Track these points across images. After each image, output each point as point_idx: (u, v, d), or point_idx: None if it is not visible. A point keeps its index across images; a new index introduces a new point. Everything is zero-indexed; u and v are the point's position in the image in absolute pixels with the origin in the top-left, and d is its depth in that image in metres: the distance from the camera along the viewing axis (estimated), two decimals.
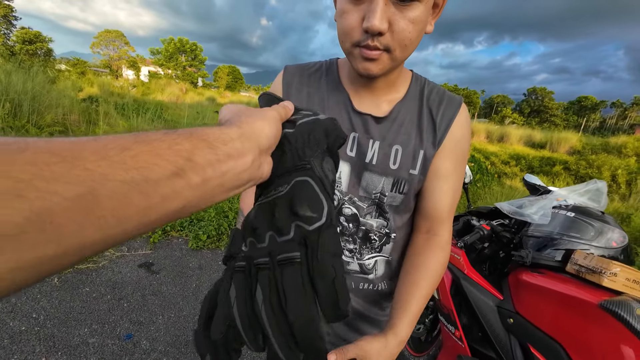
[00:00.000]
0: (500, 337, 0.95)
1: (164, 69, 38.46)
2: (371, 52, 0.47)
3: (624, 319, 0.70)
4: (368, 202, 0.60)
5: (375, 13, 0.42)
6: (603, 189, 1.08)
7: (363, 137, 0.57)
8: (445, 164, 0.58)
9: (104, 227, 0.17)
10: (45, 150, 0.16)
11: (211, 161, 0.23)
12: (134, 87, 18.70)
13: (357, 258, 0.63)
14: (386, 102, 0.58)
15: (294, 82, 0.62)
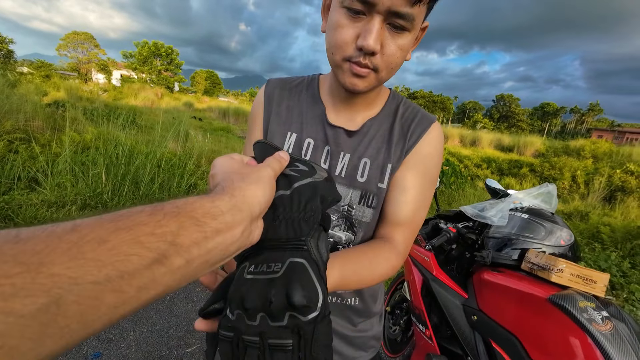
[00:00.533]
0: (466, 334, 1.01)
1: (138, 73, 37.14)
2: (361, 69, 0.49)
3: (568, 312, 0.76)
4: (337, 214, 0.60)
5: (372, 33, 0.45)
6: (553, 191, 1.18)
7: (335, 150, 0.59)
8: (406, 176, 0.58)
9: (65, 336, 0.16)
10: (9, 259, 0.15)
11: (197, 240, 0.22)
12: (104, 92, 17.88)
13: None
14: (361, 118, 0.60)
15: (275, 96, 0.63)
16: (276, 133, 0.62)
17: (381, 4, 0.43)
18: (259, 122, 0.64)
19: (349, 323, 0.67)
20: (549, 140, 18.84)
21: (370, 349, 0.73)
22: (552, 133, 46.00)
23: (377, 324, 0.73)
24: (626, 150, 12.31)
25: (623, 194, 7.38)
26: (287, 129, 0.61)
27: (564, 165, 9.82)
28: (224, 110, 20.71)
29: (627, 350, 0.70)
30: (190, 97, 31.77)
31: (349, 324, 0.67)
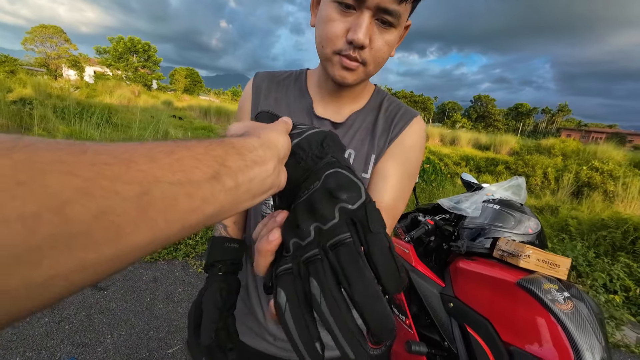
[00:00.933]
0: (443, 320, 1.05)
1: (113, 70, 35.58)
2: (351, 62, 0.50)
3: (534, 294, 0.82)
4: None
5: (362, 28, 0.47)
6: (522, 184, 1.25)
7: None
8: (387, 165, 0.60)
9: (154, 228, 0.17)
10: (103, 152, 0.16)
11: (241, 167, 0.24)
12: (76, 89, 17.00)
13: None
14: (346, 110, 0.62)
15: (263, 88, 0.64)
16: None
17: (370, 1, 0.45)
18: (247, 113, 0.65)
19: None
20: (523, 139, 19.75)
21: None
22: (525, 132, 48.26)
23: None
24: (592, 148, 13.10)
25: (589, 189, 7.87)
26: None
27: (536, 163, 10.34)
28: (205, 109, 20.21)
29: (585, 326, 0.76)
30: (170, 96, 30.82)
31: None
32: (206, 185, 0.20)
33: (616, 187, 7.05)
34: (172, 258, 2.45)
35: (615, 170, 8.62)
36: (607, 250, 3.90)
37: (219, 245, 0.62)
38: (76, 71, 34.19)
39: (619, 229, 4.12)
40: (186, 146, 0.21)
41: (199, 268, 2.37)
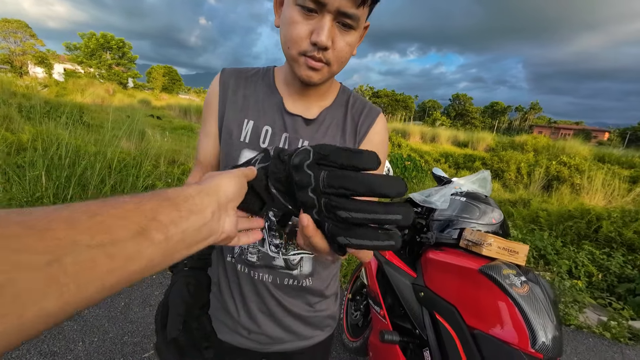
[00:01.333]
0: (415, 309, 1.09)
1: (85, 67, 33.86)
2: (316, 63, 0.53)
3: (494, 279, 0.87)
4: None
5: (324, 30, 0.50)
6: (488, 177, 1.31)
7: (293, 137, 0.63)
8: None
9: (64, 295, 0.17)
10: (19, 222, 0.17)
11: (174, 218, 0.24)
12: (45, 87, 16.07)
13: (282, 253, 0.66)
14: (316, 107, 0.65)
15: (231, 84, 0.65)
16: (232, 120, 0.64)
17: (331, 4, 0.48)
18: (214, 110, 0.65)
19: (305, 303, 0.71)
20: (498, 136, 20.58)
21: (326, 327, 0.77)
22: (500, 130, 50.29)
23: (333, 304, 0.78)
24: (560, 144, 13.85)
25: (558, 183, 8.34)
26: (244, 117, 0.63)
27: (510, 159, 10.81)
28: (185, 108, 19.65)
29: (539, 307, 0.82)
30: (147, 94, 29.70)
31: (305, 304, 0.71)
32: (130, 243, 0.21)
33: (582, 180, 7.50)
34: None
35: (581, 164, 9.17)
36: (573, 239, 4.15)
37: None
38: (44, 68, 32.26)
39: (584, 219, 4.39)
40: (115, 204, 0.22)
41: None
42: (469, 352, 0.85)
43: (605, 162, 11.29)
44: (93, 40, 34.46)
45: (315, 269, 0.69)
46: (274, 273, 0.67)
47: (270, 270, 0.67)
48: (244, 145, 0.63)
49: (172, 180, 3.96)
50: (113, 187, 3.19)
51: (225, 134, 0.64)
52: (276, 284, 0.68)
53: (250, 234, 0.41)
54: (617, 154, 13.16)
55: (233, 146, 0.63)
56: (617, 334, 2.26)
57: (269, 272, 0.67)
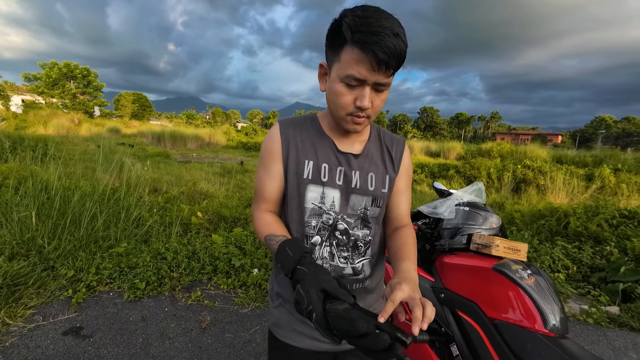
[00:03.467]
0: (437, 310, 1.23)
1: (46, 98, 32.22)
2: (360, 119, 0.71)
3: (507, 275, 1.04)
4: (355, 217, 0.80)
5: (366, 98, 0.66)
6: (482, 187, 1.53)
7: (347, 169, 0.79)
8: (402, 183, 0.86)
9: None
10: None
11: None
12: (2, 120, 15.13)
13: (350, 263, 0.81)
14: (358, 143, 0.82)
15: (290, 133, 0.80)
16: (295, 161, 0.78)
17: (369, 80, 0.65)
18: (278, 154, 0.79)
19: (368, 305, 0.87)
20: (466, 144, 21.86)
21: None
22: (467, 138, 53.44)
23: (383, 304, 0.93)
24: (522, 149, 15.00)
25: (525, 185, 9.03)
26: (305, 158, 0.79)
27: (480, 165, 11.54)
28: (159, 135, 19.20)
29: (545, 294, 1.00)
30: (116, 122, 28.69)
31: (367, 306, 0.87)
32: None
33: (545, 181, 8.20)
34: (157, 294, 2.35)
35: (543, 166, 10.00)
36: (547, 237, 4.53)
37: (297, 242, 0.68)
38: (0, 101, 30.33)
39: (553, 217, 4.81)
40: None
41: (188, 300, 2.30)
42: (493, 340, 1.00)
43: (562, 162, 12.37)
44: (55, 69, 33.11)
45: (372, 271, 0.86)
46: (344, 282, 0.80)
47: (341, 279, 0.80)
48: (308, 182, 0.78)
49: (158, 210, 3.91)
50: (105, 222, 3.11)
51: (292, 174, 0.79)
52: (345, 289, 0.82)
53: None
54: (571, 154, 14.45)
55: (300, 183, 0.78)
56: (599, 319, 2.52)
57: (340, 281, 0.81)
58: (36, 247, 2.49)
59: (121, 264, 2.52)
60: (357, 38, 0.61)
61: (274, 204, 0.82)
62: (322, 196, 0.78)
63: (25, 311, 1.96)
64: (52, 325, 1.92)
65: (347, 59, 0.64)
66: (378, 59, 0.60)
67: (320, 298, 0.57)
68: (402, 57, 0.64)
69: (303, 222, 0.79)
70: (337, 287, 0.59)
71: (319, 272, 0.60)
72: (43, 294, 2.15)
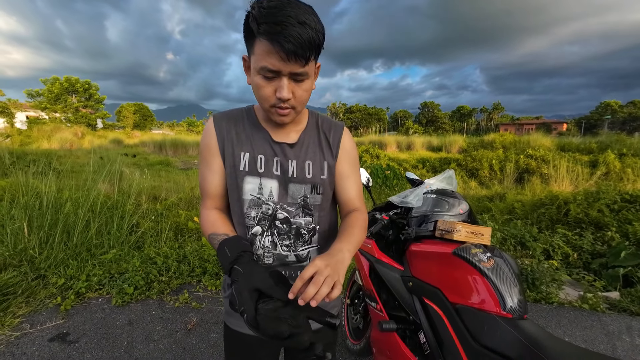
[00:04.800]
0: (406, 299, 1.22)
1: (49, 113, 32.81)
2: (283, 111, 0.71)
3: (465, 258, 1.02)
4: (295, 206, 0.81)
5: (284, 89, 0.66)
6: (452, 175, 1.51)
7: (283, 159, 0.79)
8: (344, 168, 0.84)
9: None
10: None
11: None
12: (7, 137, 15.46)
13: (292, 250, 0.82)
14: (294, 132, 0.82)
15: (224, 126, 0.81)
16: (232, 154, 0.79)
17: (284, 70, 0.64)
18: (215, 150, 0.80)
19: None
20: (469, 137, 21.67)
21: (334, 307, 0.93)
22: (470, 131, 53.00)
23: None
24: (525, 138, 14.81)
25: (528, 175, 8.92)
26: (240, 150, 0.79)
27: (482, 157, 11.43)
28: (160, 143, 19.42)
29: (504, 276, 0.98)
30: (119, 133, 29.09)
31: None
32: None
33: (549, 169, 8.07)
34: (145, 298, 2.36)
35: (546, 155, 9.86)
36: (548, 225, 4.45)
37: (237, 241, 0.69)
38: (5, 118, 30.96)
39: (553, 205, 4.74)
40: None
41: (176, 303, 2.31)
42: (454, 325, 0.99)
43: (566, 150, 12.19)
44: (57, 85, 33.72)
45: None
46: (288, 269, 0.82)
47: (285, 267, 0.82)
48: (244, 173, 0.79)
49: (155, 217, 3.94)
50: (98, 230, 3.15)
51: (229, 167, 0.79)
52: (292, 277, 0.83)
53: None
54: (576, 142, 14.22)
55: (237, 176, 0.79)
56: (594, 305, 2.47)
57: (284, 268, 0.82)
58: (27, 258, 2.53)
59: (111, 270, 2.55)
60: (262, 30, 0.60)
61: (219, 200, 0.83)
62: (260, 187, 0.79)
63: (13, 320, 1.99)
64: (39, 332, 1.94)
65: (259, 51, 0.64)
66: (285, 49, 0.60)
67: (253, 298, 0.57)
68: (313, 45, 0.63)
69: (243, 214, 0.80)
70: (271, 286, 0.59)
71: (254, 271, 0.61)
72: (32, 302, 2.18)
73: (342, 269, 0.61)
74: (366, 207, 0.89)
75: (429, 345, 1.07)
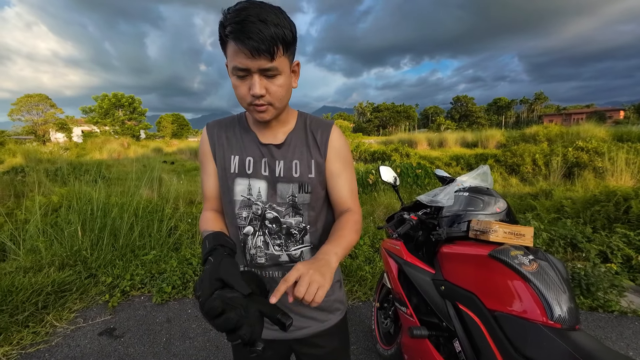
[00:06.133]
0: (438, 303, 1.15)
1: (100, 127, 36.24)
2: (260, 107, 0.71)
3: (504, 261, 0.93)
4: (285, 205, 0.80)
5: (255, 85, 0.67)
6: (487, 171, 1.39)
7: (271, 160, 0.80)
8: (335, 166, 0.82)
9: None
10: None
11: None
12: (66, 150, 17.26)
13: (285, 250, 0.81)
14: (281, 133, 0.82)
15: (215, 132, 0.84)
16: (223, 158, 0.82)
17: (253, 68, 0.65)
18: (209, 154, 0.84)
19: None
20: (508, 131, 20.25)
21: (336, 311, 0.90)
22: (509, 124, 49.55)
23: (338, 290, 0.91)
24: (574, 129, 13.48)
25: (579, 169, 8.09)
26: (231, 154, 0.82)
27: (523, 152, 10.58)
28: (195, 150, 20.59)
29: (550, 282, 0.87)
30: (159, 142, 31.30)
31: None
32: None
33: (604, 162, 7.26)
34: (182, 297, 2.49)
35: (600, 146, 8.88)
36: (604, 224, 3.99)
37: (216, 236, 0.69)
38: (64, 133, 34.77)
39: (610, 202, 4.24)
40: None
41: None
42: (493, 334, 0.90)
43: (624, 141, 10.89)
44: (106, 100, 37.13)
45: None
46: (281, 269, 0.82)
47: (278, 267, 0.82)
48: (235, 175, 0.81)
49: (192, 220, 4.16)
50: (141, 232, 3.39)
51: (220, 170, 0.82)
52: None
53: None
54: (636, 130, 12.68)
55: (228, 178, 0.81)
56: None
57: (278, 269, 0.82)
58: (81, 258, 2.79)
59: (152, 270, 2.72)
60: (227, 31, 0.63)
61: (216, 201, 0.87)
62: (249, 188, 0.80)
63: (70, 314, 2.21)
64: (91, 327, 2.12)
65: (230, 52, 0.66)
66: (247, 46, 0.62)
67: (212, 286, 0.57)
68: (277, 40, 0.63)
69: (235, 214, 0.82)
70: (234, 278, 0.58)
71: (223, 262, 0.61)
72: (85, 299, 2.40)
73: (327, 273, 0.60)
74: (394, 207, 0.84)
75: (464, 354, 0.99)
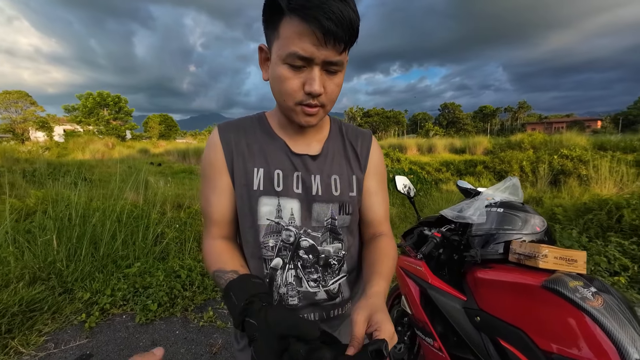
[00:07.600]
0: (473, 337, 1.00)
1: (84, 126, 35.01)
2: (312, 109, 0.58)
3: (562, 294, 0.80)
4: (321, 230, 0.65)
5: (315, 81, 0.54)
6: (517, 183, 1.27)
7: (305, 174, 0.65)
8: (372, 183, 0.72)
9: None
10: None
11: None
12: (46, 150, 16.50)
13: (322, 286, 0.66)
14: (315, 142, 0.69)
15: (232, 138, 0.66)
16: (243, 171, 0.64)
17: (317, 58, 0.52)
18: (222, 166, 0.65)
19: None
20: (494, 138, 20.74)
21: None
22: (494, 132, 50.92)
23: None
24: (557, 138, 13.88)
25: (564, 176, 8.26)
26: (253, 165, 0.64)
27: (511, 159, 10.77)
28: (184, 152, 20.08)
29: (620, 319, 0.75)
30: (145, 143, 30.44)
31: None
32: None
33: (588, 170, 7.43)
34: (169, 316, 2.26)
35: (583, 154, 9.13)
36: (597, 233, 4.00)
37: (244, 283, 0.54)
38: (45, 132, 33.31)
39: (602, 210, 4.27)
40: None
41: (200, 321, 2.19)
42: None
43: (606, 149, 11.27)
44: (90, 99, 35.90)
45: (352, 291, 0.72)
46: (319, 310, 0.66)
47: (315, 308, 0.66)
48: (259, 193, 0.63)
49: (179, 225, 3.91)
50: (124, 241, 3.13)
51: (240, 187, 0.64)
52: (323, 319, 0.67)
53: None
54: (615, 140, 13.20)
55: (251, 197, 0.63)
56: None
57: (314, 309, 0.66)
58: (56, 271, 2.52)
59: (136, 284, 2.48)
60: (294, 4, 0.48)
61: (226, 227, 0.67)
62: (279, 209, 0.63)
63: (39, 338, 1.94)
64: (63, 352, 1.87)
65: (287, 33, 0.51)
66: (324, 28, 0.48)
67: (280, 346, 0.45)
68: (354, 28, 0.52)
69: (259, 243, 0.64)
70: (295, 325, 0.46)
71: (270, 318, 0.47)
72: (58, 318, 2.13)
73: (388, 316, 0.50)
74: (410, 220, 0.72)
75: None
